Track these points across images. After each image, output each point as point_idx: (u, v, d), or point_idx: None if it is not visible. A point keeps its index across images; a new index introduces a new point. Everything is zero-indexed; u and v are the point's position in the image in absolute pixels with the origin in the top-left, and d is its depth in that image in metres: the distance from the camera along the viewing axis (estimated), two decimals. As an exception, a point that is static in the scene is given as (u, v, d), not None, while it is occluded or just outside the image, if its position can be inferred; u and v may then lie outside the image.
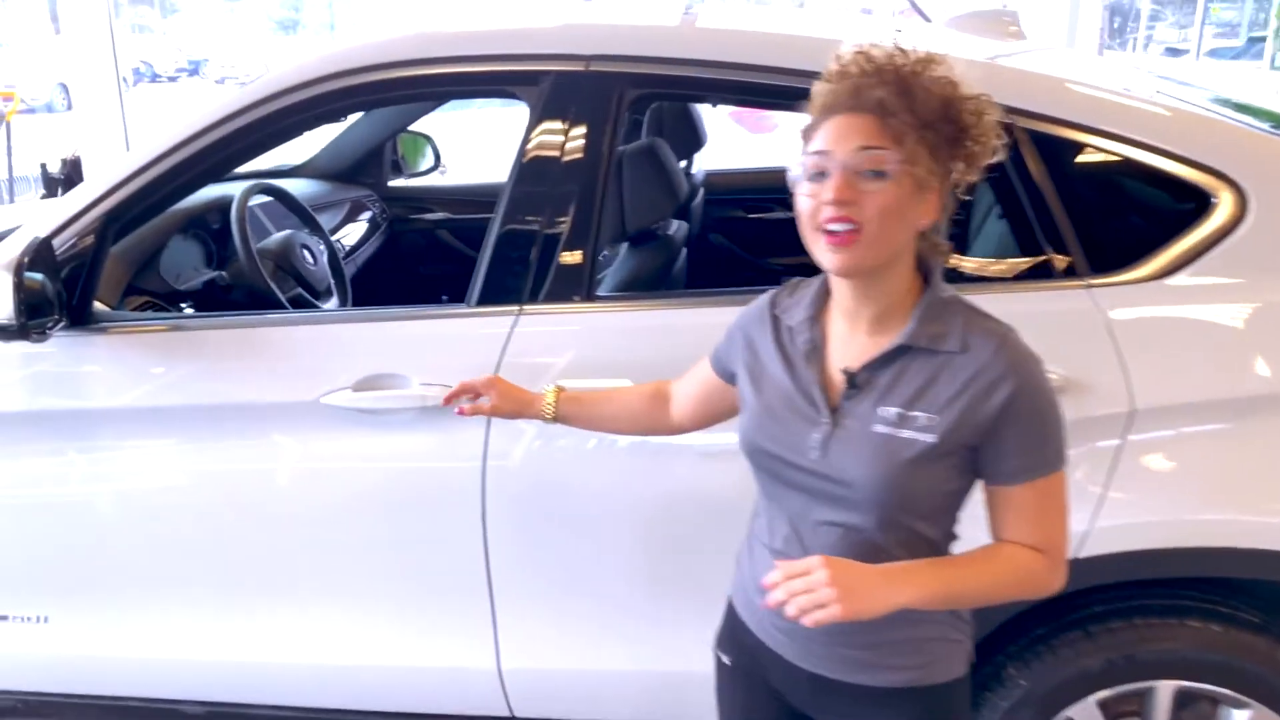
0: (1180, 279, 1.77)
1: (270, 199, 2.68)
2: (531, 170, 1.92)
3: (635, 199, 2.09)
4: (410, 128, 3.52)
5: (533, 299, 1.90)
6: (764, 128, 9.77)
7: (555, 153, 1.91)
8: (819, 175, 1.25)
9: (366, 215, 3.37)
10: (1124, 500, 1.75)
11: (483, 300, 1.92)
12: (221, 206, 2.54)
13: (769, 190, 3.44)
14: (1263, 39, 15.41)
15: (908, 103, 1.23)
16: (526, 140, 1.94)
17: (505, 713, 2.08)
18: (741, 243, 3.32)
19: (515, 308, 1.90)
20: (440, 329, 1.95)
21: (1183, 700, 1.86)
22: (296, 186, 3.01)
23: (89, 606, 2.13)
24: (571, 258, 1.90)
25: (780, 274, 3.25)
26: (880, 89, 1.24)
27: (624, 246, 2.33)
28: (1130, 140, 1.80)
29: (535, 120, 1.93)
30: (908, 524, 1.34)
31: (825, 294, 1.41)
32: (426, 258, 3.51)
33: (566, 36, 1.98)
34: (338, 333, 1.98)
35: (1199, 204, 1.79)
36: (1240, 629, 1.81)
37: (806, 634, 1.37)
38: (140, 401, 1.99)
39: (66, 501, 2.07)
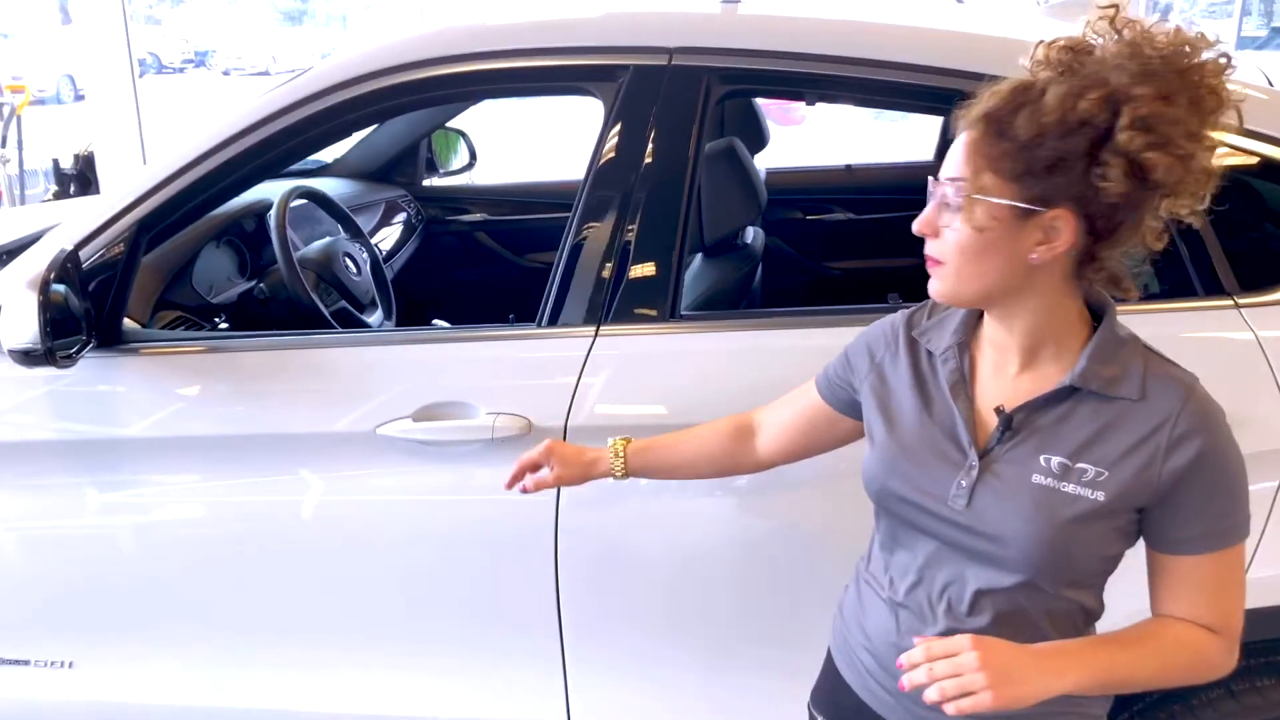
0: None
1: (305, 201, 2.48)
2: (608, 175, 1.74)
3: (715, 205, 1.90)
4: (445, 124, 3.33)
5: (612, 319, 1.71)
6: (791, 120, 9.53)
7: (635, 156, 1.73)
8: None
9: (401, 217, 3.18)
10: (1283, 549, 1.57)
11: (555, 320, 1.73)
12: (257, 211, 2.35)
13: (825, 190, 3.26)
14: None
15: (1016, 129, 1.05)
16: (602, 142, 1.75)
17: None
18: (801, 248, 3.12)
19: (592, 328, 1.71)
20: (509, 351, 1.76)
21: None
22: (327, 187, 2.82)
23: (119, 652, 1.95)
24: (654, 272, 1.71)
25: (840, 279, 3.15)
26: (993, 100, 1.07)
27: (698, 258, 2.14)
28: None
29: (612, 119, 1.75)
30: (1057, 590, 1.18)
31: (976, 318, 1.24)
32: (464, 262, 3.32)
33: (647, 26, 1.79)
34: (394, 355, 1.79)
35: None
36: (1403, 689, 1.63)
37: (918, 699, 1.20)
38: (176, 430, 1.80)
39: (94, 537, 1.89)
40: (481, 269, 3.34)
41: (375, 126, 3.19)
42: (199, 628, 1.92)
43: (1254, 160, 1.63)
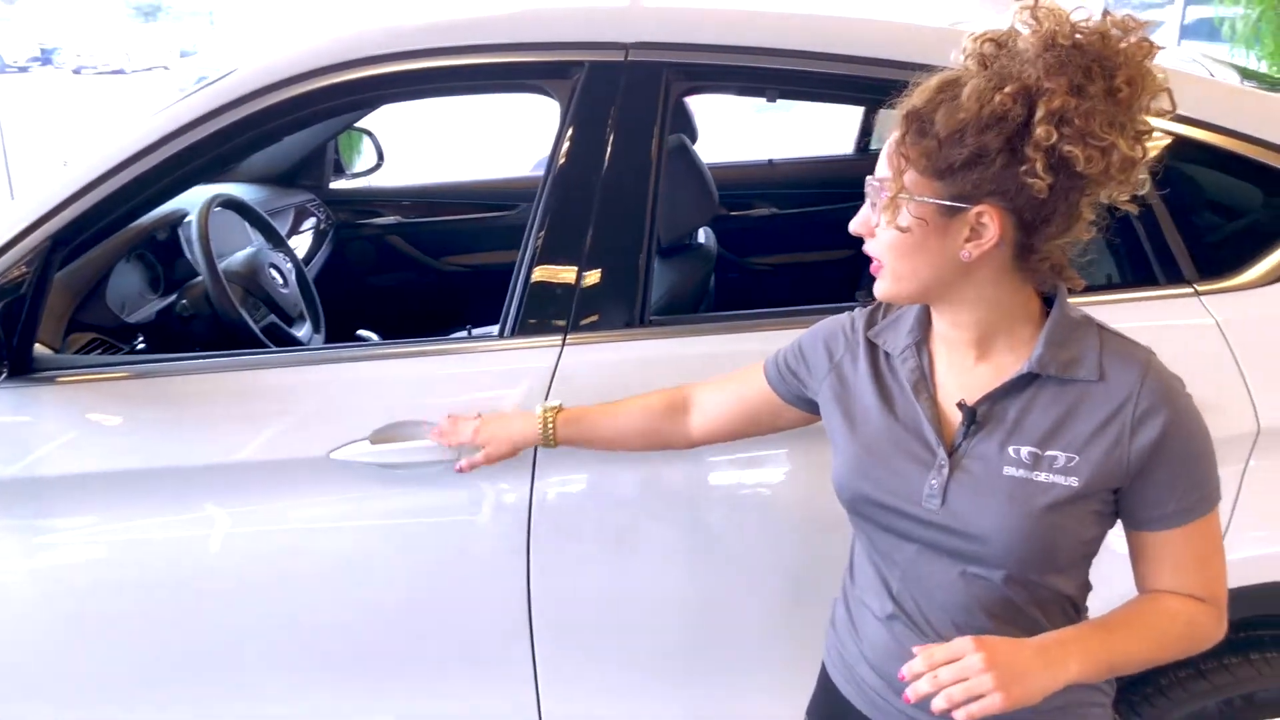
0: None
1: (221, 209, 2.32)
2: (569, 177, 1.66)
3: (670, 206, 1.84)
4: (354, 124, 3.18)
5: (579, 326, 1.64)
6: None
7: (596, 156, 1.66)
8: None
9: (311, 223, 3.02)
10: (1251, 529, 1.60)
11: (520, 330, 1.65)
12: (171, 222, 2.18)
13: (745, 186, 3.24)
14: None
15: (932, 126, 1.05)
16: (560, 142, 1.67)
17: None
18: (728, 245, 3.09)
19: (559, 337, 1.64)
20: (471, 365, 1.67)
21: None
22: (230, 192, 2.65)
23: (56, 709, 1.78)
24: (621, 277, 1.65)
25: (768, 274, 3.14)
26: (917, 98, 1.07)
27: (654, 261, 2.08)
28: (1239, 134, 1.65)
29: (569, 119, 1.67)
30: (1042, 579, 1.16)
31: (929, 315, 1.22)
32: (380, 267, 3.18)
33: (602, 21, 1.72)
34: (346, 374, 1.67)
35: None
36: (1359, 660, 1.69)
37: (928, 708, 1.18)
38: (103, 465, 1.65)
39: (19, 584, 1.72)
40: (398, 274, 3.20)
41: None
42: (145, 683, 1.77)
43: (1197, 147, 1.66)
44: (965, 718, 1.02)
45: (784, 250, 3.14)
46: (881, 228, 1.10)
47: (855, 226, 1.14)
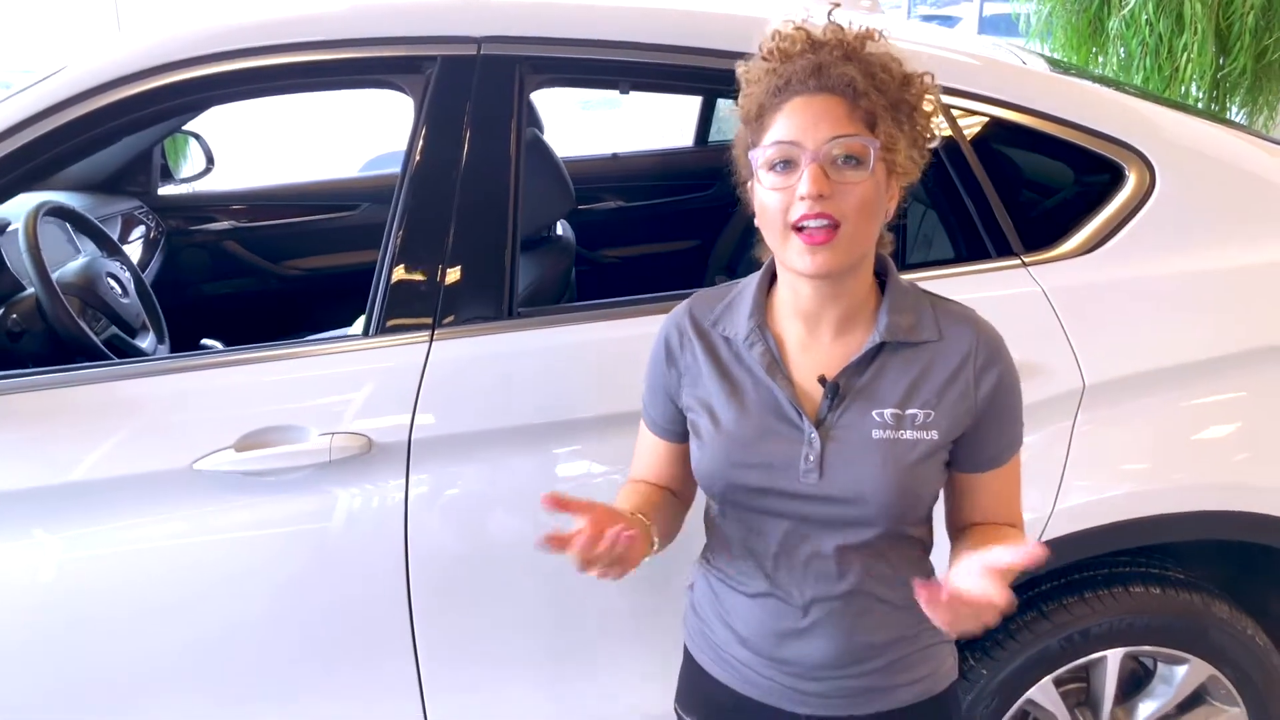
0: (1104, 252, 1.78)
1: (48, 218, 2.17)
2: (428, 172, 1.65)
3: (529, 198, 1.85)
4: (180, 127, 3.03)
5: (446, 322, 1.64)
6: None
7: (454, 151, 1.65)
8: (784, 166, 1.13)
9: (140, 231, 2.87)
10: (1080, 479, 1.75)
11: (385, 329, 1.63)
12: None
13: (591, 180, 3.27)
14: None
15: (874, 82, 1.13)
16: (416, 137, 1.66)
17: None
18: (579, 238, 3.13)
19: (426, 334, 1.63)
20: (338, 366, 1.64)
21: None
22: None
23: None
24: (488, 271, 1.65)
25: (618, 266, 3.18)
26: (845, 66, 1.13)
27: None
28: (1053, 118, 1.79)
29: (424, 114, 1.67)
30: (907, 531, 1.26)
31: (765, 297, 1.26)
32: (216, 274, 3.05)
33: (452, 15, 1.71)
34: (206, 381, 1.61)
35: (1112, 178, 1.81)
36: (1174, 588, 1.87)
37: (807, 673, 1.27)
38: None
39: None
40: (236, 280, 3.08)
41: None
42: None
43: (1017, 131, 1.80)
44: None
45: (632, 242, 3.19)
46: (853, 183, 1.11)
47: (817, 187, 1.09)
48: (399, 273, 1.64)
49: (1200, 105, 4.16)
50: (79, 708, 1.67)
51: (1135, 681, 1.97)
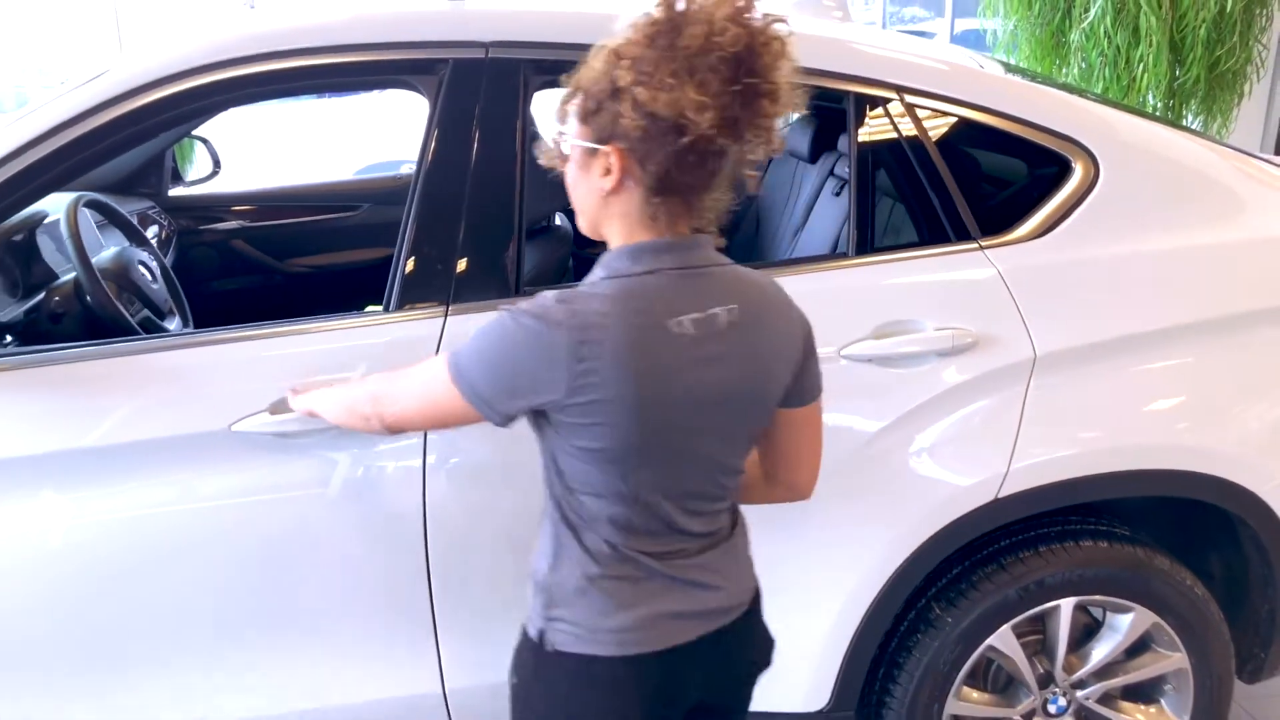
0: (1053, 237, 1.96)
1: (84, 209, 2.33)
2: (444, 163, 1.82)
3: (533, 190, 2.03)
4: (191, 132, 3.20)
5: (460, 298, 1.81)
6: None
7: (466, 144, 1.83)
8: None
9: (152, 230, 3.02)
10: (1034, 442, 1.93)
11: (404, 302, 1.80)
12: (29, 225, 2.18)
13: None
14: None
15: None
16: (431, 131, 1.84)
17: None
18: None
19: (441, 309, 1.80)
20: (362, 338, 1.81)
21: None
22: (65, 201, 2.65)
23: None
24: (499, 252, 1.82)
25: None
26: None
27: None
28: (1004, 114, 1.98)
29: (436, 112, 1.84)
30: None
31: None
32: (224, 272, 3.21)
33: (463, 22, 1.89)
34: (241, 352, 1.78)
35: (1060, 170, 2.00)
36: (1119, 543, 2.06)
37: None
38: (5, 451, 1.69)
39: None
40: (242, 278, 3.24)
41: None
42: (64, 656, 1.82)
43: (976, 128, 1.99)
44: None
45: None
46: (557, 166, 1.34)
47: (547, 162, 1.36)
48: (415, 257, 1.80)
49: (1157, 113, 4.38)
50: (122, 655, 1.82)
51: (1088, 633, 2.15)
